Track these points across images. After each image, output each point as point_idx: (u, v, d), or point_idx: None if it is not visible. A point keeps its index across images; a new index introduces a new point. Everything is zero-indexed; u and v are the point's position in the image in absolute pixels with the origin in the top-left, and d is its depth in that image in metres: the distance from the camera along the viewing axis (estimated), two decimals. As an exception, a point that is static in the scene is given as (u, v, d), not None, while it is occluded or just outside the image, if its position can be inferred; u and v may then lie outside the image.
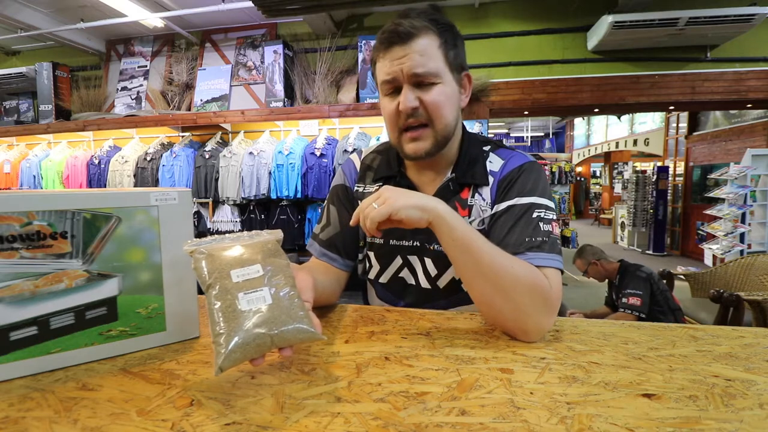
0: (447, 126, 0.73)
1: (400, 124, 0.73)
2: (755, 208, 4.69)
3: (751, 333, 0.61)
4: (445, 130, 0.74)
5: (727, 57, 3.16)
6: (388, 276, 0.83)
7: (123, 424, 0.39)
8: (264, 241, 0.53)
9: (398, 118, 0.73)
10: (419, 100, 0.70)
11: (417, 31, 0.69)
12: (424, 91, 0.70)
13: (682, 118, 7.28)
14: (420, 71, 0.69)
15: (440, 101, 0.71)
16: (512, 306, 0.59)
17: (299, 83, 3.34)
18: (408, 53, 0.69)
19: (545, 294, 0.61)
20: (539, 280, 0.62)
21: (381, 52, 0.72)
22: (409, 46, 0.69)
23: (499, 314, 0.61)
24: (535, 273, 0.62)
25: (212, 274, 0.47)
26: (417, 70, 0.68)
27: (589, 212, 13.00)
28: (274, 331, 0.44)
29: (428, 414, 0.40)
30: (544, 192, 0.73)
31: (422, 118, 0.72)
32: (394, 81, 0.71)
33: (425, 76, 0.69)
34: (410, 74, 0.69)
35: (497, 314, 0.62)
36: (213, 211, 3.32)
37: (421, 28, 0.69)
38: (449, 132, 0.75)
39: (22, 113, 4.17)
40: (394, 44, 0.70)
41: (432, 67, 0.69)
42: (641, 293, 2.28)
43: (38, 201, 0.49)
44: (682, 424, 0.38)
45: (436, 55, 0.70)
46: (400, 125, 0.73)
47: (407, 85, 0.70)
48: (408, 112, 0.70)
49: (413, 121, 0.72)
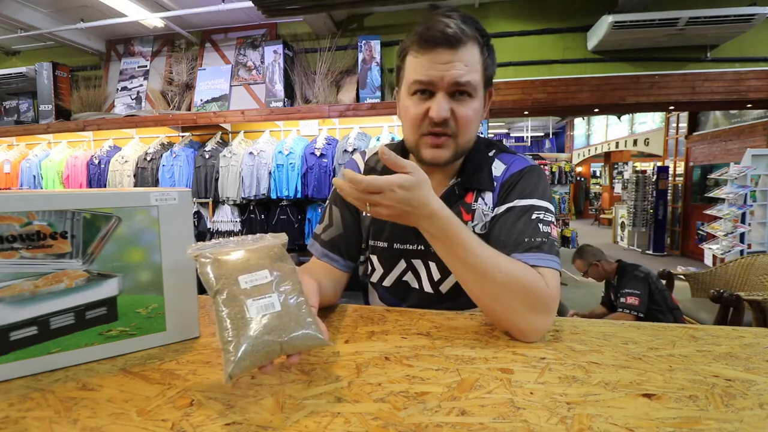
0: (469, 141, 0.73)
1: (422, 130, 0.70)
2: (755, 208, 4.69)
3: (751, 333, 0.61)
4: (467, 144, 0.73)
5: (727, 57, 3.16)
6: (392, 280, 0.83)
7: (123, 424, 0.39)
8: (270, 246, 0.53)
9: (422, 123, 0.70)
10: (451, 111, 0.68)
11: (467, 39, 0.66)
12: (459, 103, 0.68)
13: (682, 118, 7.28)
14: (463, 81, 0.66)
15: (471, 117, 0.69)
16: (503, 307, 0.59)
17: (299, 83, 3.34)
18: (454, 60, 0.65)
19: (540, 294, 0.60)
20: (535, 281, 0.61)
21: (420, 49, 0.67)
22: (456, 53, 0.65)
23: (492, 313, 0.62)
24: (531, 273, 0.62)
25: (219, 280, 0.47)
26: (461, 79, 0.66)
27: (589, 212, 13.00)
28: (284, 338, 0.44)
29: (428, 414, 0.40)
30: (545, 195, 0.73)
31: (449, 130, 0.69)
32: (429, 84, 0.67)
33: (465, 87, 0.67)
34: (452, 83, 0.66)
35: (490, 313, 0.63)
36: (213, 211, 3.32)
37: (471, 36, 0.66)
38: (469, 146, 0.75)
39: (22, 113, 4.17)
40: (440, 46, 0.65)
41: (474, 80, 0.67)
42: (639, 293, 2.28)
43: (38, 201, 0.49)
44: (682, 424, 0.38)
45: (477, 67, 0.68)
46: (422, 131, 0.71)
47: (443, 93, 0.67)
48: (439, 122, 0.67)
49: (441, 130, 0.69)
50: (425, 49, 0.67)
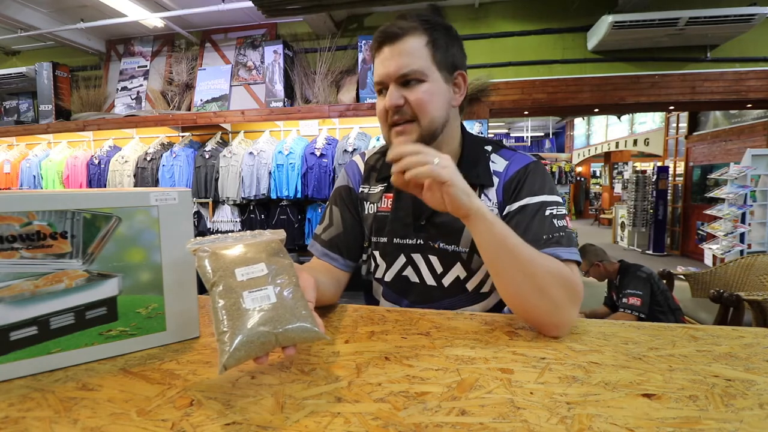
0: (432, 121, 0.75)
1: (389, 121, 0.76)
2: (755, 208, 4.69)
3: (751, 333, 0.61)
4: (431, 125, 0.75)
5: (727, 57, 3.16)
6: (392, 274, 0.84)
7: (123, 424, 0.39)
8: (267, 241, 0.53)
9: (386, 117, 0.75)
10: (404, 98, 0.73)
11: (403, 32, 0.72)
12: (410, 89, 0.73)
13: (682, 118, 7.27)
14: (404, 71, 0.72)
15: (425, 99, 0.73)
16: (548, 301, 0.60)
17: (299, 83, 3.34)
18: (394, 54, 0.72)
19: (575, 288, 0.63)
20: (568, 274, 0.63)
21: (374, 53, 0.76)
22: (395, 47, 0.72)
23: (535, 309, 0.61)
24: (563, 267, 0.64)
25: (216, 273, 0.47)
26: (402, 71, 0.72)
27: (589, 212, 12.99)
28: (279, 329, 0.44)
29: (428, 414, 0.40)
30: (552, 190, 0.75)
31: (407, 116, 0.74)
32: (382, 83, 0.75)
33: (409, 75, 0.72)
34: (395, 74, 0.72)
35: (533, 309, 0.61)
36: (213, 211, 3.32)
37: (408, 28, 0.72)
38: (436, 128, 0.76)
39: (22, 113, 4.17)
40: (383, 45, 0.74)
41: (416, 66, 0.72)
42: (641, 293, 2.28)
43: (38, 201, 0.49)
44: (682, 424, 0.38)
45: (421, 54, 0.72)
46: (389, 122, 0.76)
47: (393, 84, 0.73)
48: (393, 109, 0.73)
49: (399, 118, 0.74)
50: (376, 52, 0.76)
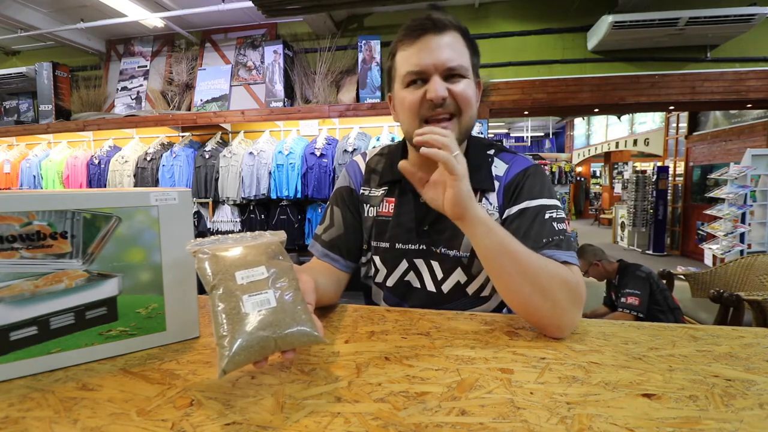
0: (471, 120, 0.73)
1: (423, 114, 0.70)
2: (755, 208, 4.69)
3: (751, 333, 0.61)
4: (469, 123, 0.73)
5: (727, 57, 3.16)
6: (394, 279, 0.83)
7: (123, 424, 0.39)
8: (268, 243, 0.53)
9: (421, 108, 0.70)
10: (449, 91, 0.69)
11: (451, 26, 0.69)
12: (453, 83, 0.69)
13: (682, 118, 7.27)
14: (453, 64, 0.68)
15: (469, 95, 0.70)
16: (551, 304, 0.60)
17: (299, 83, 3.34)
18: (442, 45, 0.68)
19: (577, 289, 0.62)
20: (569, 276, 0.63)
21: (408, 41, 0.70)
22: (441, 38, 0.68)
23: (538, 311, 0.61)
24: (564, 269, 0.64)
25: (216, 275, 0.47)
26: (451, 62, 0.68)
27: (589, 212, 12.99)
28: (278, 333, 0.44)
29: (428, 414, 0.40)
30: (551, 193, 0.75)
31: (450, 109, 0.70)
32: (422, 72, 0.69)
33: (457, 70, 0.68)
34: (444, 67, 0.68)
35: (535, 312, 0.61)
36: (213, 211, 3.32)
37: (452, 24, 0.70)
38: (471, 127, 0.74)
39: (22, 113, 4.17)
40: (427, 32, 0.68)
41: (462, 61, 0.69)
42: (640, 293, 2.28)
43: (38, 201, 0.49)
44: (682, 424, 0.38)
45: (463, 51, 0.70)
46: (423, 115, 0.70)
47: (437, 75, 0.68)
48: (438, 102, 0.68)
49: (441, 111, 0.69)
50: (413, 38, 0.69)
